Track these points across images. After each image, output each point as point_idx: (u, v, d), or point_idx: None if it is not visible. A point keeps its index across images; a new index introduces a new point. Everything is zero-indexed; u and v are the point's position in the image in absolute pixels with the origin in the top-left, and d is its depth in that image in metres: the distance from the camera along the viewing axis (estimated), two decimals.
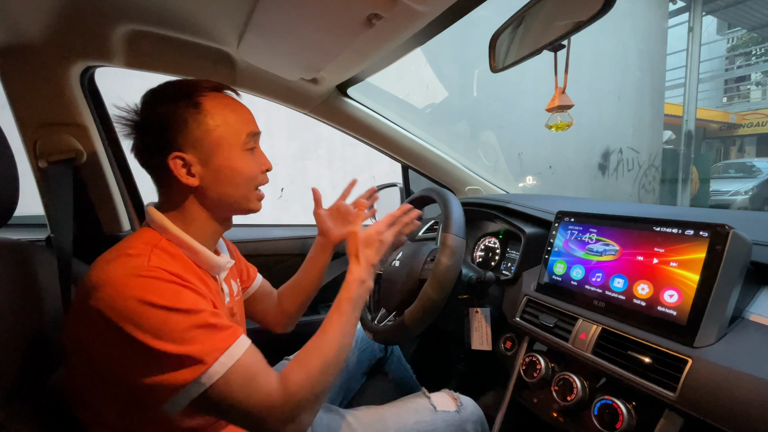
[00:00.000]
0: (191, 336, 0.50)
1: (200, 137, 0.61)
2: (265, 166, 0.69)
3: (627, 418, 0.60)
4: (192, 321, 0.50)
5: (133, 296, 0.48)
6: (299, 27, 0.73)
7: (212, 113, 0.62)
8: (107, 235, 1.01)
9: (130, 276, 0.50)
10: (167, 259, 0.56)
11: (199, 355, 0.49)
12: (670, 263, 0.62)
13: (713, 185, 8.58)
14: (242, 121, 0.65)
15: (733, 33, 12.66)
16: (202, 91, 0.62)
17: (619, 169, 7.14)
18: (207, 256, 0.63)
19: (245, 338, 0.55)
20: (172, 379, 0.48)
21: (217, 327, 0.52)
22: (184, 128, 0.61)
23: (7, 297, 0.58)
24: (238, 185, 0.64)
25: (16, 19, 0.73)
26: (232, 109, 0.64)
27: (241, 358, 0.52)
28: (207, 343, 0.50)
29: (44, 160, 0.86)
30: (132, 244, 0.57)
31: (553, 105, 0.70)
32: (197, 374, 0.49)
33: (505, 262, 1.06)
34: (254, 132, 0.66)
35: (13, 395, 0.54)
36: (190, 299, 0.52)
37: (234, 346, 0.52)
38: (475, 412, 0.83)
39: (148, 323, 0.48)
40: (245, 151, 0.64)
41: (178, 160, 0.61)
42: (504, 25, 0.75)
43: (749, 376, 0.49)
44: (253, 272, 0.90)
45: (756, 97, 13.41)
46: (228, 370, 0.50)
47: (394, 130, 1.27)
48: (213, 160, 0.62)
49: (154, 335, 0.48)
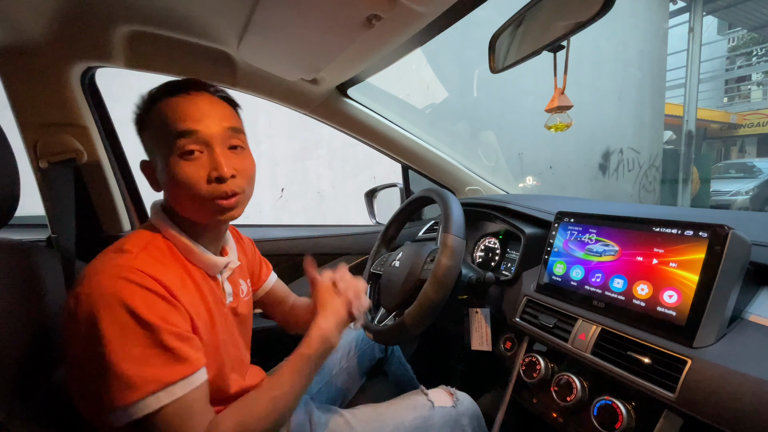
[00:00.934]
0: (144, 355, 0.49)
1: (147, 143, 0.61)
2: (212, 173, 0.56)
3: (626, 419, 0.60)
4: (151, 337, 0.49)
5: (107, 295, 0.49)
6: (299, 27, 0.73)
7: (154, 117, 0.58)
8: (108, 235, 1.01)
9: (112, 276, 0.50)
10: (159, 260, 0.56)
11: (138, 382, 0.48)
12: (669, 264, 0.62)
13: (714, 185, 8.57)
14: (172, 122, 0.56)
15: (733, 33, 12.65)
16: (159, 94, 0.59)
17: (620, 169, 7.13)
18: (202, 255, 0.62)
19: (199, 375, 0.53)
20: (112, 394, 0.48)
21: (174, 354, 0.50)
22: (143, 135, 0.61)
23: (9, 297, 0.58)
24: (178, 198, 0.58)
25: (17, 20, 0.74)
26: (170, 110, 0.57)
27: (182, 398, 0.50)
28: (150, 371, 0.49)
29: (45, 161, 0.86)
30: (128, 240, 0.58)
31: (552, 106, 0.70)
32: (131, 400, 0.48)
33: (505, 263, 1.06)
34: (184, 130, 0.55)
35: (15, 395, 0.55)
36: (162, 312, 0.51)
37: (179, 384, 0.50)
38: (471, 407, 0.84)
39: (111, 325, 0.48)
40: (177, 157, 0.56)
41: (146, 166, 0.62)
42: (504, 25, 0.75)
43: (748, 377, 0.49)
44: (265, 274, 0.89)
45: (757, 97, 13.40)
46: (162, 408, 0.49)
47: (394, 130, 1.28)
48: (157, 169, 0.60)
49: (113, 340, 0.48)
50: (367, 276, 1.00)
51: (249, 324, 0.78)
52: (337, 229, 1.44)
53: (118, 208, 1.02)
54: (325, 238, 1.36)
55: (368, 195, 1.52)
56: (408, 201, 1.01)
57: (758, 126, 12.50)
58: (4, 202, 0.59)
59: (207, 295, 0.62)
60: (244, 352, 0.74)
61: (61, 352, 0.67)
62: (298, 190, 3.83)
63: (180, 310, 0.54)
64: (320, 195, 4.03)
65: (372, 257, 1.03)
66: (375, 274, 0.98)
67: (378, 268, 0.98)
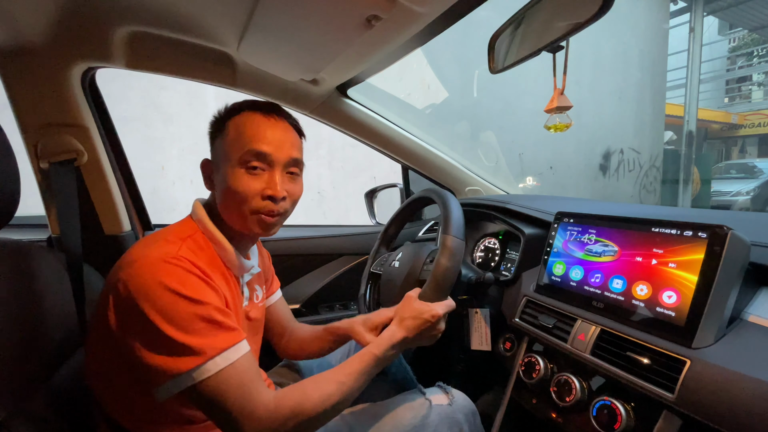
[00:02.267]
0: (195, 327, 0.52)
1: (217, 148, 0.66)
2: (267, 191, 0.62)
3: (625, 419, 0.60)
4: (199, 312, 0.52)
5: (155, 277, 0.52)
6: (299, 28, 0.73)
7: (230, 127, 0.64)
8: (108, 236, 1.02)
9: (158, 260, 0.53)
10: (196, 251, 0.60)
11: (198, 348, 0.51)
12: (668, 264, 0.62)
13: (715, 186, 8.57)
14: (249, 138, 0.62)
15: (734, 33, 12.65)
16: (243, 108, 0.65)
17: (620, 169, 7.12)
18: (232, 255, 0.66)
19: (245, 344, 0.56)
20: (169, 364, 0.50)
21: (221, 325, 0.54)
22: (215, 139, 0.67)
23: (11, 297, 0.58)
24: (229, 204, 0.63)
25: (18, 21, 0.74)
26: (248, 125, 0.63)
27: (235, 362, 0.53)
28: (207, 339, 0.52)
29: (46, 161, 0.86)
30: (171, 231, 0.62)
31: (551, 106, 0.70)
32: (191, 366, 0.50)
33: (505, 263, 1.06)
34: (257, 151, 0.61)
35: (15, 394, 0.55)
36: (204, 291, 0.55)
37: (231, 350, 0.54)
38: (467, 405, 0.84)
39: (161, 303, 0.51)
40: (242, 169, 0.61)
41: (207, 165, 0.68)
42: (503, 26, 0.75)
43: (747, 377, 0.49)
44: (274, 288, 0.91)
45: (757, 97, 13.38)
46: (221, 371, 0.52)
47: (394, 130, 1.28)
48: (218, 172, 0.65)
49: (164, 317, 0.50)
50: (367, 276, 1.00)
51: (260, 330, 0.80)
52: (337, 229, 1.44)
53: (119, 208, 1.02)
54: (325, 238, 1.36)
55: (368, 195, 1.52)
56: (408, 201, 1.01)
57: (759, 126, 12.49)
58: (4, 202, 0.59)
59: (233, 294, 0.65)
60: (256, 355, 0.75)
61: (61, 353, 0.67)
62: None
63: (218, 292, 0.58)
64: (320, 195, 4.03)
65: (372, 257, 1.03)
66: (375, 274, 0.99)
67: (378, 268, 0.98)
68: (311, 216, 3.92)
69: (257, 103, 0.66)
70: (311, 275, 1.31)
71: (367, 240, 1.36)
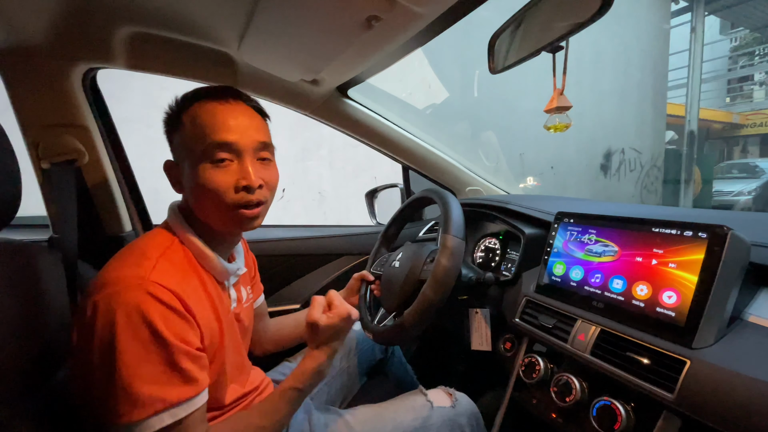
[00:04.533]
0: (154, 371, 0.49)
1: (177, 146, 0.62)
2: (241, 182, 0.57)
3: (625, 419, 0.60)
4: (164, 355, 0.50)
5: (127, 308, 0.49)
6: (299, 29, 0.74)
7: (185, 121, 0.59)
8: (109, 236, 1.02)
9: (130, 287, 0.50)
10: (172, 268, 0.56)
11: (147, 400, 0.48)
12: (668, 264, 0.62)
13: (716, 186, 8.54)
14: (209, 129, 0.57)
15: (736, 33, 12.62)
16: (195, 97, 0.60)
17: (621, 169, 7.12)
18: (214, 261, 0.63)
19: (201, 398, 0.54)
20: (117, 410, 0.48)
21: (182, 374, 0.51)
22: (172, 136, 0.62)
23: (12, 297, 0.58)
24: (203, 204, 0.59)
25: (19, 21, 0.74)
26: (204, 115, 0.58)
27: (183, 420, 0.51)
28: (161, 390, 0.49)
29: (47, 161, 0.86)
30: (148, 244, 0.58)
31: (551, 106, 0.70)
32: (136, 418, 0.48)
33: (505, 263, 1.06)
34: (219, 141, 0.56)
35: (17, 394, 0.55)
36: (177, 329, 0.51)
37: (182, 406, 0.51)
38: (469, 407, 0.84)
39: (128, 339, 0.48)
40: (208, 163, 0.57)
41: (170, 167, 0.63)
42: (503, 26, 0.75)
43: (748, 378, 0.49)
44: (259, 290, 0.90)
45: (759, 97, 13.35)
46: (162, 429, 0.49)
47: (394, 130, 1.28)
48: (183, 171, 0.61)
49: (125, 354, 0.48)
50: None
51: (250, 329, 0.79)
52: (337, 229, 1.44)
53: (119, 208, 1.02)
54: (326, 238, 1.36)
55: (369, 195, 1.53)
56: (408, 201, 1.01)
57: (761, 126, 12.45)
58: (6, 203, 0.59)
59: (216, 302, 0.62)
60: (244, 357, 0.75)
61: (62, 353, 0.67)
62: (298, 190, 3.83)
63: (194, 327, 0.54)
64: (321, 195, 4.04)
65: (372, 257, 1.03)
66: (375, 274, 0.99)
67: (378, 268, 0.98)
68: (312, 216, 3.92)
69: (210, 90, 0.61)
70: (311, 275, 1.31)
71: (368, 240, 1.36)
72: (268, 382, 0.82)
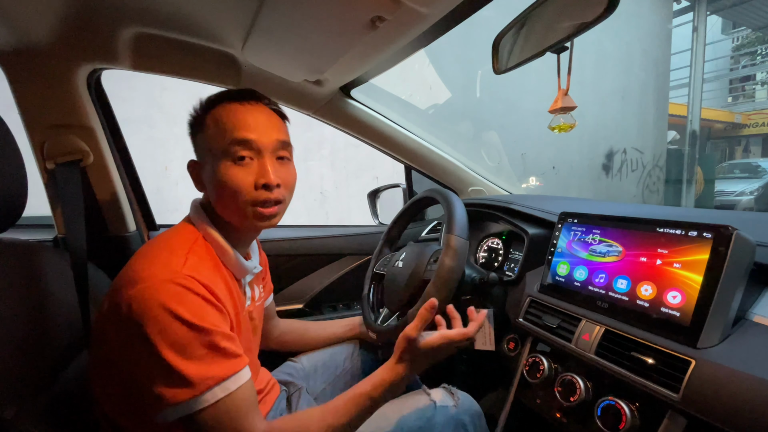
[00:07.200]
0: (197, 354, 0.51)
1: (200, 146, 0.64)
2: (260, 180, 0.60)
3: (630, 419, 0.60)
4: (203, 338, 0.52)
5: (161, 301, 0.50)
6: (303, 29, 0.74)
7: (209, 122, 0.62)
8: (113, 236, 1.02)
9: (164, 281, 0.52)
10: (201, 263, 0.58)
11: (197, 379, 0.50)
12: (673, 264, 0.62)
13: (718, 186, 8.52)
14: (230, 127, 0.59)
15: (738, 32, 12.57)
16: (218, 100, 0.63)
17: (623, 169, 7.10)
18: (234, 258, 0.65)
19: (246, 372, 0.56)
20: (167, 393, 0.50)
21: (224, 352, 0.53)
22: (196, 137, 0.65)
23: (18, 296, 0.59)
24: (223, 199, 0.61)
25: (24, 22, 0.74)
26: (226, 116, 0.60)
27: (233, 392, 0.53)
28: (207, 368, 0.51)
29: (52, 162, 0.87)
30: (174, 239, 0.60)
31: (555, 107, 0.70)
32: (188, 396, 0.50)
33: (509, 263, 1.06)
34: (240, 138, 0.59)
35: (24, 392, 0.55)
36: (210, 316, 0.53)
37: (230, 380, 0.53)
38: (472, 406, 0.84)
39: (165, 329, 0.50)
40: (229, 161, 0.59)
41: (193, 166, 0.66)
42: (507, 26, 0.75)
43: (753, 377, 0.49)
44: (269, 289, 0.91)
45: (761, 96, 13.32)
46: (218, 401, 0.52)
47: (397, 131, 1.28)
48: (205, 169, 0.63)
49: (166, 342, 0.49)
50: (370, 276, 1.00)
51: (260, 328, 0.79)
52: (339, 229, 1.44)
53: (124, 208, 1.03)
54: (328, 238, 1.36)
55: (371, 195, 1.53)
56: (411, 201, 1.01)
57: (763, 126, 12.43)
58: (12, 203, 0.60)
59: (235, 298, 0.64)
60: (255, 356, 0.76)
61: (69, 351, 0.68)
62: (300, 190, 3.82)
63: (225, 316, 0.56)
64: (323, 195, 4.04)
65: (375, 257, 1.04)
66: (378, 274, 0.99)
67: (381, 268, 0.99)
68: (314, 216, 3.93)
69: (232, 93, 0.64)
70: (314, 275, 1.32)
71: (370, 240, 1.36)
72: (274, 383, 0.82)
